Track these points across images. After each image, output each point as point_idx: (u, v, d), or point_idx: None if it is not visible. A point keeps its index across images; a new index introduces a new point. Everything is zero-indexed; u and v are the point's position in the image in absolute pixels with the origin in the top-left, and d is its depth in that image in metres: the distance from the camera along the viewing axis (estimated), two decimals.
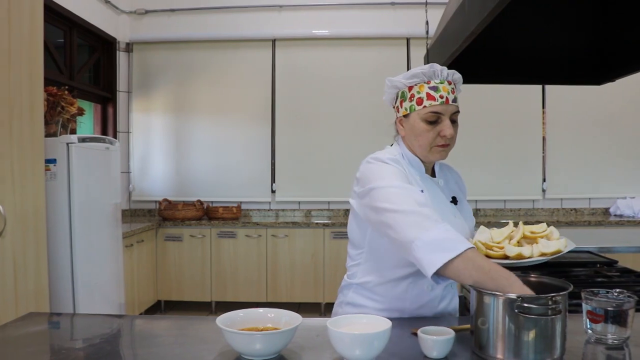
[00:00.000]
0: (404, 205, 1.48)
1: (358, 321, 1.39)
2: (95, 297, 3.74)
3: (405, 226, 1.46)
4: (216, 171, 5.94)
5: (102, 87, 5.61)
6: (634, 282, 2.35)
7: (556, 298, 1.25)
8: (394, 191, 1.53)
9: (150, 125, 6.00)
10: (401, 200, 1.49)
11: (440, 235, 1.41)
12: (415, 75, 1.64)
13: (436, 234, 1.41)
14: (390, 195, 1.53)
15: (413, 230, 1.44)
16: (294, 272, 5.35)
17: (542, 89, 5.84)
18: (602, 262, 2.73)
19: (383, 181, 1.57)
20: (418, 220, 1.45)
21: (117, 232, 4.16)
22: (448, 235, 1.41)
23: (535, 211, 5.94)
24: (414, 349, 1.37)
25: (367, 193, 1.59)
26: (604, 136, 5.87)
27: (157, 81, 5.97)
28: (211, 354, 1.37)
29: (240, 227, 5.36)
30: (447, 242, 1.40)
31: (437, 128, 1.63)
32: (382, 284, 1.70)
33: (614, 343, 1.42)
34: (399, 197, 1.51)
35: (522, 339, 1.25)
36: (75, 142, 3.48)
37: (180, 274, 5.37)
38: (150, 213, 5.95)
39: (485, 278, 1.34)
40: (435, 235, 1.41)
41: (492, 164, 5.83)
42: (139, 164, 5.99)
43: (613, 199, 5.88)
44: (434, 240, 1.40)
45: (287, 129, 5.92)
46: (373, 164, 1.64)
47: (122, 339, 1.56)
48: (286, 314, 1.44)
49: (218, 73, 5.93)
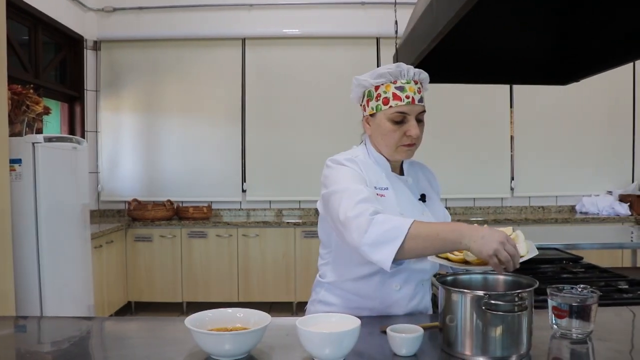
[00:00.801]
0: (347, 211, 1.49)
1: (327, 320, 1.39)
2: (64, 299, 3.67)
3: (350, 233, 1.48)
4: (186, 171, 5.89)
5: (69, 85, 5.50)
6: (597, 278, 2.41)
7: (522, 294, 1.27)
8: (339, 197, 1.55)
9: (119, 124, 5.91)
10: (346, 206, 1.51)
11: (378, 230, 1.43)
12: (381, 75, 1.65)
13: (374, 231, 1.43)
14: (337, 201, 1.55)
15: (355, 235, 1.46)
16: (265, 271, 5.34)
17: (510, 88, 5.93)
18: (568, 258, 2.78)
19: (335, 186, 1.59)
20: (358, 223, 1.46)
21: (86, 233, 4.09)
22: (386, 226, 1.43)
23: (504, 209, 6.03)
24: (384, 347, 1.38)
25: (328, 197, 1.61)
26: (571, 136, 5.98)
27: (126, 80, 5.89)
28: (180, 355, 1.35)
29: (211, 227, 5.32)
30: (387, 233, 1.42)
31: (403, 128, 1.65)
32: (351, 281, 1.71)
33: (578, 337, 1.45)
34: (344, 203, 1.52)
35: (489, 335, 1.27)
36: (41, 142, 3.41)
37: (151, 274, 5.31)
38: (120, 213, 5.86)
39: (437, 243, 1.39)
40: (374, 233, 1.43)
41: (461, 162, 5.89)
42: (107, 164, 5.90)
43: (579, 197, 6.00)
44: (375, 239, 1.43)
45: (258, 128, 5.90)
46: (330, 168, 1.67)
47: (89, 342, 1.53)
48: (255, 314, 1.44)
49: (188, 72, 5.88)
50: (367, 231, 1.43)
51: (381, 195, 1.66)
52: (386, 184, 1.70)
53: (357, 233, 1.45)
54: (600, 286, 2.27)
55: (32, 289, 3.40)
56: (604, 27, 2.23)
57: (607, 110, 5.99)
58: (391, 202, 1.66)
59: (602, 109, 5.98)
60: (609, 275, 2.47)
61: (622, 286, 2.27)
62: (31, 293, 3.40)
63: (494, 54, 2.60)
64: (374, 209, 1.48)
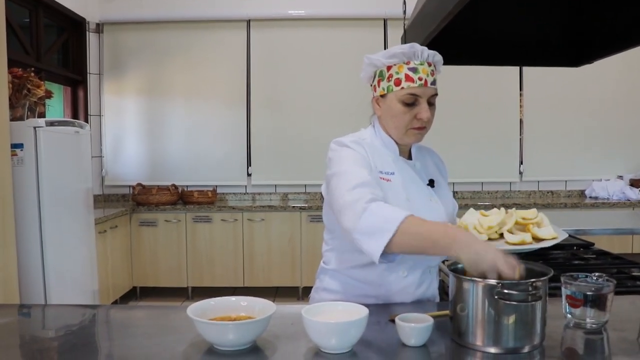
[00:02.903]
0: (345, 195, 1.46)
1: (334, 309, 1.35)
2: (68, 285, 3.65)
3: (344, 218, 1.45)
4: (191, 155, 5.84)
5: (71, 69, 5.45)
6: (610, 265, 2.37)
7: (536, 284, 1.22)
8: (338, 179, 1.52)
9: (122, 108, 5.86)
10: (344, 190, 1.47)
11: (371, 219, 1.39)
12: (394, 55, 1.59)
13: (367, 220, 1.39)
14: (336, 184, 1.52)
15: (349, 221, 1.43)
16: (270, 256, 5.31)
17: (519, 71, 5.84)
18: (579, 244, 2.73)
19: (337, 168, 1.56)
20: (354, 209, 1.42)
21: (89, 218, 4.06)
22: (379, 217, 1.39)
23: (512, 194, 5.97)
24: (392, 336, 1.34)
25: (329, 181, 1.58)
26: (580, 119, 5.89)
27: (130, 63, 5.82)
28: (182, 344, 1.32)
29: (215, 211, 5.28)
30: (379, 224, 1.38)
31: (413, 110, 1.59)
32: (356, 268, 1.67)
33: (593, 327, 1.40)
34: (342, 186, 1.49)
35: (501, 326, 1.23)
36: (43, 126, 3.37)
37: (156, 259, 5.29)
38: (124, 198, 5.84)
39: (427, 244, 1.36)
40: (367, 222, 1.39)
41: (469, 146, 5.83)
42: (111, 148, 5.86)
43: (589, 181, 5.93)
44: (367, 227, 1.39)
45: (263, 111, 5.84)
46: (334, 150, 1.63)
47: (89, 331, 1.50)
48: (260, 302, 1.40)
49: (192, 54, 5.81)
50: (360, 218, 1.40)
51: (387, 180, 1.61)
52: (393, 168, 1.65)
53: (352, 219, 1.42)
54: (613, 273, 2.22)
55: (36, 275, 3.38)
56: (618, 6, 2.16)
57: (618, 93, 5.89)
58: (397, 187, 1.61)
59: (613, 92, 5.88)
60: (621, 262, 2.42)
61: (635, 273, 2.22)
62: (35, 279, 3.38)
63: (504, 35, 2.53)
64: (372, 196, 1.44)
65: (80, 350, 1.31)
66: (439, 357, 1.27)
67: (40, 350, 1.33)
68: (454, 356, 1.28)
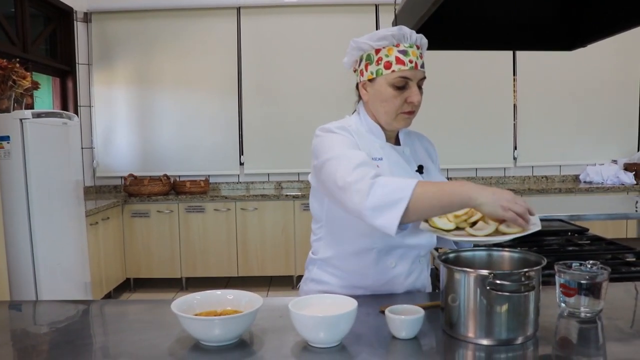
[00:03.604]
0: (346, 176, 1.40)
1: (322, 301, 1.32)
2: (59, 278, 3.61)
3: (350, 198, 1.39)
4: (182, 144, 5.79)
5: (59, 59, 5.37)
6: (604, 250, 2.35)
7: (530, 273, 1.19)
8: (334, 163, 1.47)
9: (113, 98, 5.78)
10: (344, 171, 1.42)
11: (381, 193, 1.34)
12: (383, 38, 1.55)
13: (377, 194, 1.34)
14: (333, 167, 1.46)
15: (356, 199, 1.37)
16: (264, 245, 5.28)
17: (513, 56, 5.79)
18: (574, 230, 2.71)
19: (329, 153, 1.50)
20: (359, 187, 1.37)
21: (80, 210, 4.01)
22: (389, 188, 1.34)
23: (506, 179, 5.95)
24: (382, 329, 1.31)
25: (320, 167, 1.52)
26: (574, 103, 5.87)
27: (119, 53, 5.74)
28: (168, 340, 1.28)
29: (208, 201, 5.24)
30: (391, 195, 1.33)
31: (404, 94, 1.55)
32: (344, 258, 1.64)
33: (587, 316, 1.37)
34: (341, 168, 1.43)
35: (494, 317, 1.20)
36: (30, 118, 3.31)
37: (149, 250, 5.25)
38: (116, 189, 5.79)
39: (444, 202, 1.32)
40: (377, 196, 1.34)
41: (463, 132, 5.79)
42: (102, 139, 5.79)
43: (583, 166, 5.91)
44: (378, 202, 1.33)
45: (255, 99, 5.78)
46: (321, 136, 1.58)
47: (73, 327, 1.46)
48: (246, 295, 1.36)
49: (182, 43, 5.73)
50: (369, 194, 1.34)
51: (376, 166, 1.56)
52: (380, 154, 1.60)
53: (358, 197, 1.36)
54: (607, 259, 2.21)
55: (26, 270, 3.33)
56: None
57: (612, 78, 5.86)
58: (386, 173, 1.55)
59: (607, 76, 5.84)
60: (615, 248, 2.40)
61: (630, 259, 2.20)
62: (25, 273, 3.33)
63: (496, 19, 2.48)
64: (375, 172, 1.39)
65: (63, 348, 1.27)
66: (430, 349, 1.24)
67: (21, 350, 1.30)
68: (446, 348, 1.25)
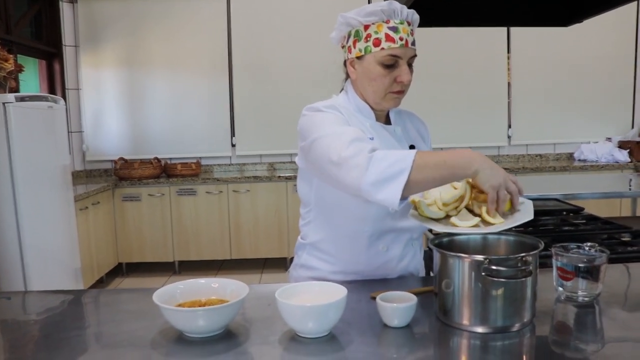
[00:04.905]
0: (341, 152, 1.33)
1: (310, 289, 1.27)
2: (48, 264, 3.56)
3: (347, 173, 1.32)
4: (173, 126, 5.70)
5: (45, 41, 5.25)
6: (600, 230, 2.32)
7: (527, 258, 1.14)
8: (326, 141, 1.40)
9: (101, 81, 5.68)
10: (338, 147, 1.35)
11: (380, 166, 1.27)
12: (372, 13, 1.47)
13: (376, 168, 1.27)
14: (325, 144, 1.39)
15: (354, 174, 1.30)
16: (257, 227, 5.23)
17: (507, 33, 5.72)
18: (569, 209, 2.68)
19: (318, 132, 1.43)
20: (356, 162, 1.30)
21: (68, 195, 3.94)
22: (388, 161, 1.27)
23: (500, 158, 5.90)
24: (373, 316, 1.26)
25: (309, 147, 1.45)
26: (568, 81, 5.82)
27: (107, 34, 5.62)
28: (150, 332, 1.23)
29: (200, 183, 5.18)
30: (391, 167, 1.26)
31: (393, 73, 1.48)
32: (334, 242, 1.59)
33: (584, 300, 1.33)
34: (334, 145, 1.36)
35: (489, 303, 1.15)
36: (13, 102, 3.22)
37: (140, 234, 5.19)
38: (107, 173, 5.71)
39: (446, 172, 1.26)
40: (376, 170, 1.27)
41: (457, 110, 5.73)
42: (91, 123, 5.69)
43: (577, 144, 5.88)
44: (378, 174, 1.26)
45: (245, 79, 5.68)
46: (308, 116, 1.51)
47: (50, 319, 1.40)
48: (232, 284, 1.31)
49: (171, 23, 5.61)
50: (367, 169, 1.27)
51: None
52: (371, 134, 1.53)
53: (357, 172, 1.29)
54: (603, 239, 2.17)
55: (13, 256, 3.27)
56: None
57: (607, 55, 5.80)
58: None
59: (602, 54, 5.79)
60: (611, 227, 2.36)
61: (626, 238, 2.17)
62: (13, 260, 3.28)
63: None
64: (372, 146, 1.33)
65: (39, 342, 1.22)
66: (423, 337, 1.20)
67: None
68: (439, 336, 1.20)
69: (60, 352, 1.15)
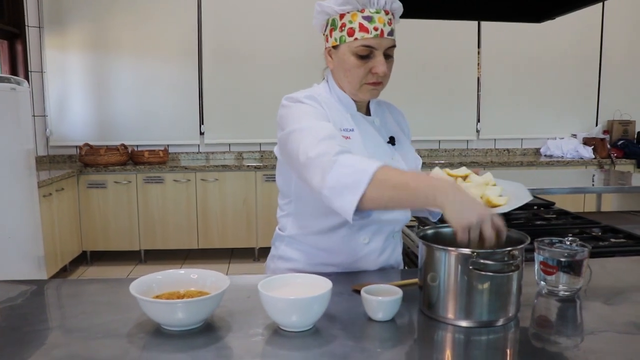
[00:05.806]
0: (308, 151, 1.31)
1: (293, 281, 1.24)
2: (10, 252, 3.43)
3: (311, 175, 1.30)
4: (141, 113, 5.58)
5: (7, 20, 5.06)
6: (571, 225, 2.35)
7: (514, 252, 1.13)
8: (299, 136, 1.37)
9: (66, 64, 5.50)
10: (307, 145, 1.33)
11: (341, 172, 1.24)
12: (347, 2, 1.43)
13: (337, 174, 1.24)
14: (297, 141, 1.37)
15: (317, 178, 1.28)
16: (225, 217, 5.17)
17: (477, 28, 5.76)
18: (540, 204, 2.71)
19: (294, 125, 1.40)
20: (320, 164, 1.28)
21: (32, 181, 3.81)
22: (349, 169, 1.24)
23: (469, 152, 5.96)
24: (356, 309, 1.24)
25: (285, 140, 1.42)
26: (536, 77, 5.90)
27: (73, 15, 5.44)
28: (126, 325, 1.18)
29: (167, 171, 5.08)
30: (350, 177, 1.23)
31: (368, 64, 1.45)
32: (313, 235, 1.56)
33: (566, 295, 1.34)
34: (305, 141, 1.34)
35: (475, 298, 1.14)
36: None
37: (106, 222, 5.07)
38: (71, 159, 5.55)
39: (406, 195, 1.20)
40: (336, 176, 1.24)
41: (426, 103, 5.75)
42: (56, 107, 5.52)
43: (544, 139, 5.97)
44: (338, 182, 1.24)
45: (216, 66, 5.59)
46: (287, 107, 1.47)
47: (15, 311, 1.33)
48: (212, 275, 1.27)
49: (140, 6, 5.47)
50: (329, 173, 1.25)
51: (346, 137, 1.47)
52: (352, 125, 1.51)
53: (319, 176, 1.27)
54: (575, 234, 2.20)
55: None
56: None
57: (572, 53, 5.91)
58: (358, 145, 1.47)
59: (569, 51, 5.89)
60: (582, 222, 2.41)
61: (597, 233, 2.20)
62: None
63: None
64: (340, 148, 1.29)
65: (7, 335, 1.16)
66: (408, 331, 1.18)
67: None
68: (424, 330, 1.19)
69: (30, 346, 1.10)
